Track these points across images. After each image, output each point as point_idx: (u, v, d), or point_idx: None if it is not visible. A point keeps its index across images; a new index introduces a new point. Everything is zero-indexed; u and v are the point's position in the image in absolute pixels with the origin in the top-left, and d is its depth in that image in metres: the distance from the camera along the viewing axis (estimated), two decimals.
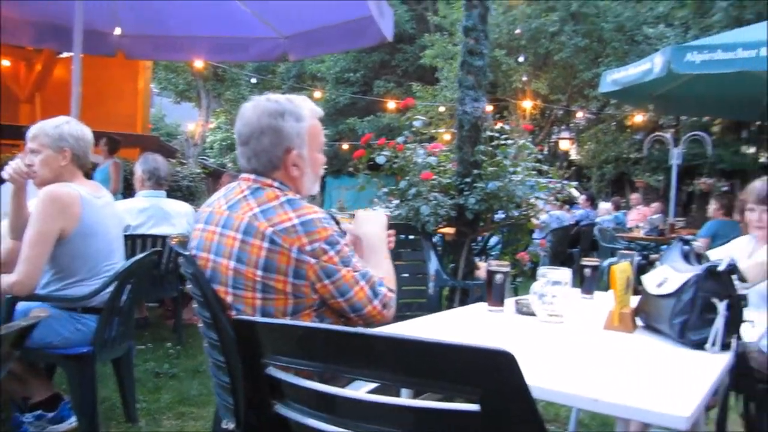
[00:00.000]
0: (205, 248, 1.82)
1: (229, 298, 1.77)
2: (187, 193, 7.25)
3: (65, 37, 5.71)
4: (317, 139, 1.87)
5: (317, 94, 17.82)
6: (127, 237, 3.39)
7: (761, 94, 7.18)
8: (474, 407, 0.83)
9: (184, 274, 2.00)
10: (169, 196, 4.47)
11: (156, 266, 4.04)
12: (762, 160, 19.03)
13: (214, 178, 9.38)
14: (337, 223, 1.82)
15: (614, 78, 6.45)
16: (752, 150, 18.70)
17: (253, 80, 18.26)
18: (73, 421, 2.67)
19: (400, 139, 3.68)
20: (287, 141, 1.79)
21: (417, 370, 0.88)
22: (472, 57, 3.91)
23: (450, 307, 3.59)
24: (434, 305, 3.41)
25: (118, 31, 6.34)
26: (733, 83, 6.56)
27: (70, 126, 2.64)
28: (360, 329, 1.10)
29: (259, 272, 1.69)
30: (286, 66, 22.72)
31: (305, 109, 1.83)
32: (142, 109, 9.30)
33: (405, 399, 1.02)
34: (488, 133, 3.84)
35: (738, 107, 8.09)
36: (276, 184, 1.80)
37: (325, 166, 2.00)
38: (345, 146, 17.72)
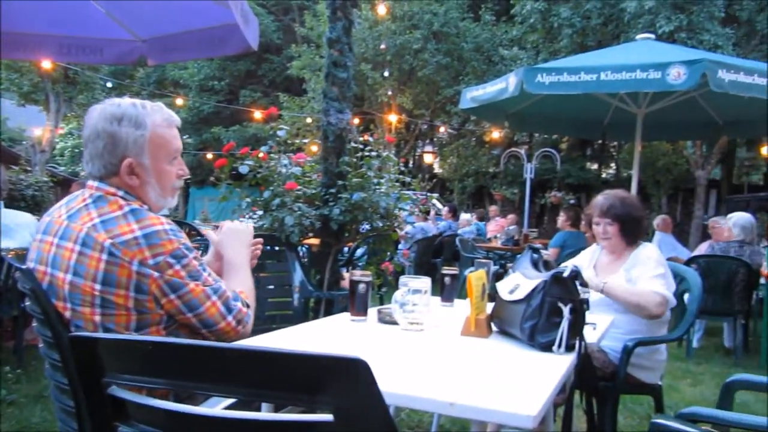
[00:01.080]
0: (42, 261, 1.68)
1: (67, 314, 1.64)
2: (33, 203, 6.69)
3: None
4: (166, 148, 1.76)
5: (179, 101, 17.19)
6: None
7: (602, 116, 7.86)
8: (327, 417, 0.82)
9: (22, 290, 1.83)
10: (10, 206, 4.09)
11: None
12: (604, 175, 20.80)
13: (64, 186, 8.73)
14: (199, 235, 1.75)
15: (473, 95, 6.76)
16: (595, 166, 20.42)
17: (109, 84, 17.25)
18: None
19: (264, 149, 3.62)
20: (122, 148, 1.69)
21: (269, 383, 0.86)
22: (336, 69, 3.93)
23: (315, 318, 3.57)
24: (299, 317, 3.37)
25: None
26: (579, 104, 7.12)
27: None
28: (207, 342, 1.05)
29: (98, 286, 1.58)
30: (146, 71, 21.74)
31: (153, 117, 1.73)
32: None
33: (256, 413, 0.99)
34: (353, 144, 3.88)
35: (582, 127, 8.78)
36: (120, 193, 1.69)
37: (188, 177, 1.91)
38: (209, 156, 17.18)
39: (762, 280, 5.67)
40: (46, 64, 11.79)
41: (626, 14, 11.35)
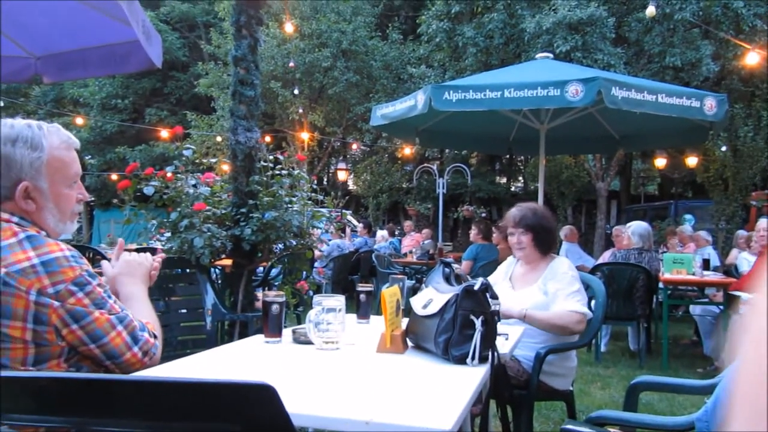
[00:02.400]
0: None
1: None
2: None
3: None
4: (64, 171, 1.67)
5: (79, 120, 16.46)
6: None
7: (508, 131, 8.14)
8: None
9: None
10: None
11: None
12: (513, 188, 21.54)
13: None
14: (104, 259, 1.66)
15: (383, 113, 6.84)
16: (504, 180, 21.11)
17: (1, 103, 16.28)
18: None
19: (169, 169, 3.50)
20: (17, 171, 1.59)
21: (175, 414, 0.82)
22: (243, 87, 3.88)
23: (230, 341, 3.47)
24: (213, 341, 3.27)
25: None
26: (485, 120, 7.34)
27: None
28: (106, 375, 0.99)
29: None
30: (42, 89, 20.71)
31: (50, 138, 1.63)
32: None
33: None
34: (263, 163, 3.83)
35: (490, 142, 9.06)
36: (15, 219, 1.59)
37: (91, 200, 1.82)
38: (114, 177, 16.50)
39: (660, 285, 6.01)
40: None
41: (526, 34, 11.85)
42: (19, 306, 1.47)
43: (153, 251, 2.51)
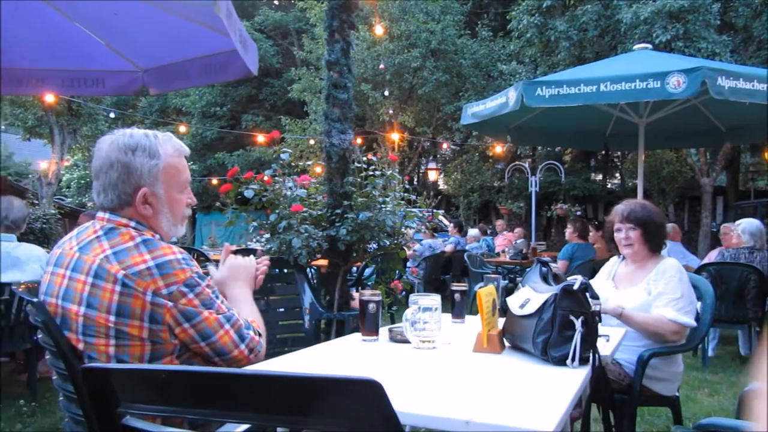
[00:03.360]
0: (53, 293, 1.68)
1: (80, 346, 1.64)
2: (41, 235, 6.72)
3: None
4: (177, 178, 1.78)
5: (182, 128, 17.30)
6: None
7: (604, 126, 7.87)
8: None
9: (34, 323, 1.83)
10: (20, 239, 4.11)
11: (4, 316, 3.68)
12: (609, 186, 20.78)
13: (72, 218, 8.78)
14: (207, 260, 1.75)
15: (474, 111, 6.78)
16: (600, 177, 20.40)
17: (112, 115, 17.39)
18: None
19: (268, 172, 3.63)
20: (137, 178, 1.70)
21: (283, 408, 0.85)
22: (336, 90, 3.96)
23: (326, 339, 3.56)
24: (311, 339, 3.36)
25: None
26: (580, 116, 7.13)
27: None
28: (220, 368, 1.05)
29: (112, 318, 1.59)
30: (148, 100, 21.93)
31: (165, 147, 1.74)
32: None
33: None
34: (356, 164, 3.89)
35: (584, 138, 8.78)
36: (132, 224, 1.70)
37: (194, 205, 1.92)
38: (214, 181, 17.28)
39: None
40: (50, 98, 11.92)
41: (622, 25, 11.41)
42: (137, 306, 1.58)
43: (253, 252, 2.62)
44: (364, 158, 3.99)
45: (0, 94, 10.70)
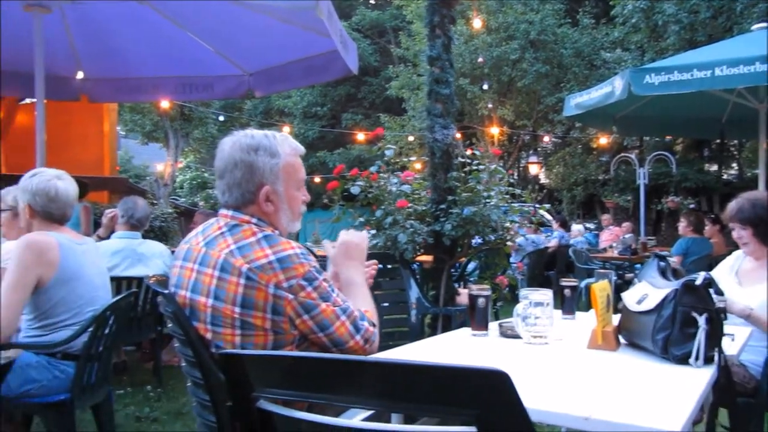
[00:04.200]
0: (183, 286, 1.80)
1: (208, 336, 1.74)
2: (160, 233, 7.14)
3: (27, 83, 5.67)
4: (295, 176, 1.86)
5: (286, 129, 17.89)
6: None
7: (719, 113, 7.41)
8: (470, 429, 0.83)
9: (164, 314, 1.97)
10: (143, 237, 4.42)
11: (132, 308, 3.96)
12: (725, 177, 19.53)
13: (187, 217, 9.29)
14: (316, 256, 1.81)
15: (577, 102, 6.58)
16: (715, 167, 19.21)
17: (221, 118, 18.25)
18: None
19: (373, 169, 3.70)
20: (260, 176, 1.78)
21: (410, 395, 0.88)
22: (438, 86, 3.97)
23: (432, 334, 3.58)
24: (417, 333, 3.40)
25: (80, 75, 6.31)
26: (692, 103, 6.76)
27: (27, 182, 2.63)
28: (348, 356, 1.09)
29: (237, 309, 1.67)
30: (253, 102, 22.81)
31: (283, 146, 1.82)
32: (108, 152, 9.19)
33: (399, 425, 1.01)
34: (460, 159, 3.89)
35: (698, 126, 8.32)
36: (254, 220, 1.79)
37: (306, 204, 1.99)
38: (317, 179, 17.74)
39: None
40: (165, 104, 12.68)
41: (738, 4, 10.68)
42: (260, 298, 1.66)
43: None
44: (468, 153, 3.97)
45: (120, 102, 11.49)
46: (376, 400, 0.92)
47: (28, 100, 10.11)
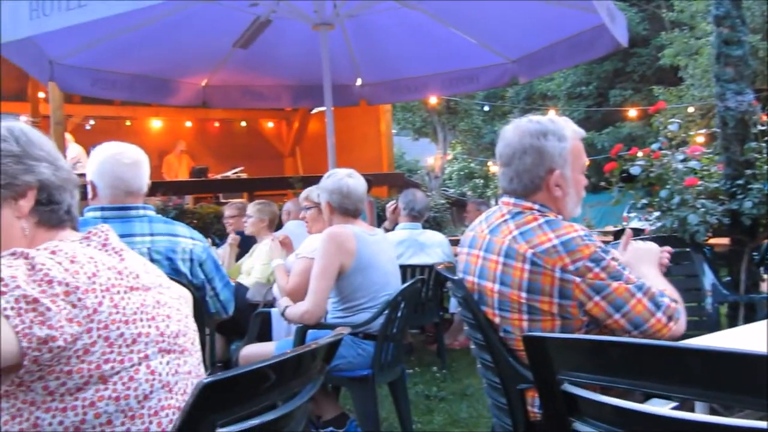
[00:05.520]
0: (470, 272, 1.88)
1: (496, 320, 1.80)
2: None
3: (316, 94, 6.41)
4: (579, 159, 1.83)
5: (551, 113, 17.52)
6: None
7: None
8: None
9: (455, 298, 2.08)
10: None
11: (419, 294, 4.25)
12: None
13: (458, 207, 9.67)
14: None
15: None
16: None
17: (486, 108, 18.56)
18: None
19: (654, 146, 3.45)
20: (549, 161, 1.78)
21: (734, 386, 0.81)
22: (728, 47, 3.54)
23: (733, 325, 3.23)
24: (713, 323, 3.09)
25: (359, 81, 6.94)
26: None
27: (325, 182, 2.96)
28: (667, 342, 1.04)
29: (524, 294, 1.70)
30: (515, 89, 22.72)
31: (567, 129, 1.81)
32: (386, 150, 9.96)
33: (716, 417, 0.94)
34: (759, 128, 3.43)
35: None
36: (536, 206, 1.79)
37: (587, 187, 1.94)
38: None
39: None
40: (433, 100, 13.30)
41: None
42: (546, 283, 1.67)
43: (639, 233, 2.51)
44: (764, 119, 3.49)
45: (393, 102, 12.36)
46: (694, 390, 0.87)
47: (316, 110, 11.45)
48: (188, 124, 11.65)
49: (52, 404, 0.95)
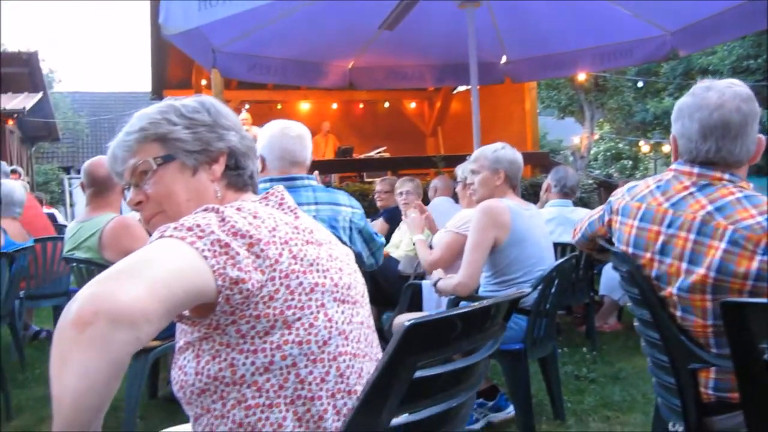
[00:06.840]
0: (645, 247, 1.78)
1: (674, 299, 1.72)
2: (581, 204, 7.33)
3: (460, 73, 6.37)
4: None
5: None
6: None
7: None
8: None
9: (617, 272, 2.01)
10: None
11: (568, 274, 4.15)
12: None
13: (605, 188, 9.27)
14: None
15: None
16: None
17: (640, 84, 17.54)
18: (510, 411, 2.93)
19: None
20: (757, 127, 1.69)
21: None
22: None
23: None
24: None
25: (503, 59, 6.81)
26: None
27: (505, 151, 2.95)
28: None
29: (712, 273, 1.61)
30: (671, 64, 21.22)
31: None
32: (530, 129, 9.75)
33: None
34: None
35: None
36: (726, 176, 1.68)
37: None
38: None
39: None
40: (581, 77, 12.78)
41: None
42: (743, 263, 1.56)
43: None
44: None
45: (539, 79, 12.01)
46: None
47: (459, 89, 11.41)
48: (334, 105, 12.05)
49: (244, 346, 1.04)
